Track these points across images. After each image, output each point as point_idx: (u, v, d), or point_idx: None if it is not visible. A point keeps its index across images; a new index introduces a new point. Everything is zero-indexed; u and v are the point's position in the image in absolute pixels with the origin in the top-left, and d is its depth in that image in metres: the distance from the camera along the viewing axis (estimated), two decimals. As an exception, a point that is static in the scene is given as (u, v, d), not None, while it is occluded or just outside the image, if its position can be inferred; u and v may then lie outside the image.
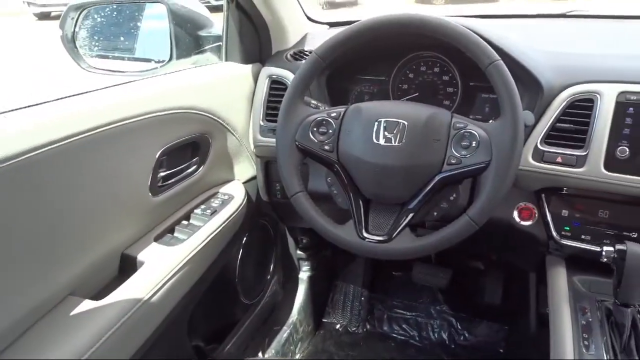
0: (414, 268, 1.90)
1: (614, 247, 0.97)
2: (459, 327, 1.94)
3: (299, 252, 1.92)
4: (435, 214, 1.04)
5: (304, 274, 1.96)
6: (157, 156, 1.13)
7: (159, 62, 1.46)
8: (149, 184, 1.13)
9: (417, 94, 1.35)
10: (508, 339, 1.86)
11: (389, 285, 2.13)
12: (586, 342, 0.95)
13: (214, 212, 1.29)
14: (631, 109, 1.03)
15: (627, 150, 1.03)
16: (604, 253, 1.01)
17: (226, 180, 1.42)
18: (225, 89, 1.35)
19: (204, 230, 1.23)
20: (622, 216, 1.10)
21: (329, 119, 1.06)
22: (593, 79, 1.08)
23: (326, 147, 1.06)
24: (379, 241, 1.00)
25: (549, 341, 1.01)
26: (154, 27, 1.51)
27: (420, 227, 1.25)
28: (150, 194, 1.14)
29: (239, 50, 1.44)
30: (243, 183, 1.45)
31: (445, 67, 1.32)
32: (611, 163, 1.04)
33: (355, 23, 1.02)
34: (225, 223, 1.29)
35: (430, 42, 1.23)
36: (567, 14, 1.61)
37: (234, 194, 1.38)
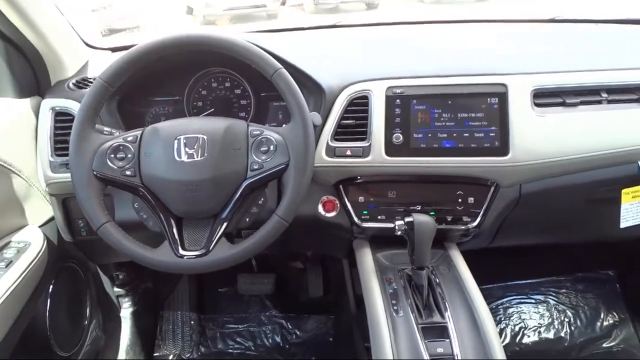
0: (238, 280, 1.93)
1: (404, 221, 1.12)
2: (290, 326, 2.02)
3: (116, 289, 1.81)
4: (247, 219, 1.08)
5: (125, 312, 1.85)
6: None
7: None
8: None
9: (212, 110, 1.38)
10: (336, 327, 1.99)
11: (218, 302, 2.12)
12: (395, 307, 1.08)
13: (9, 264, 1.15)
14: (398, 100, 1.20)
15: (401, 136, 1.19)
16: (396, 227, 1.17)
17: (19, 227, 1.28)
18: (1, 128, 1.22)
19: None
20: (407, 193, 1.26)
21: (126, 144, 1.04)
22: (365, 79, 1.22)
23: (127, 173, 1.03)
24: (197, 256, 1.01)
25: None
26: None
27: (238, 238, 1.28)
28: None
29: (10, 84, 1.30)
30: (40, 227, 1.32)
31: (236, 81, 1.37)
32: (390, 149, 1.19)
33: (140, 44, 1.02)
34: (25, 274, 1.17)
35: (218, 58, 1.28)
36: (337, 24, 1.79)
37: (31, 240, 1.25)
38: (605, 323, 1.95)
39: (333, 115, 1.20)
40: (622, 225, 1.30)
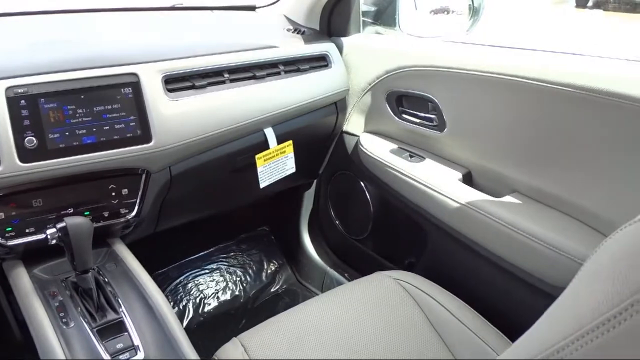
0: None
1: (56, 228, 1.05)
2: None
3: None
4: None
5: None
6: None
7: None
8: None
9: None
10: None
11: None
12: (65, 320, 1.02)
13: None
14: (23, 101, 1.08)
15: (34, 139, 1.08)
16: (49, 236, 1.07)
17: None
18: None
19: None
20: (56, 198, 1.17)
21: None
22: None
23: None
24: None
25: None
26: None
27: None
28: None
29: None
30: None
31: None
32: (24, 155, 1.07)
33: None
34: None
35: None
36: None
37: None
38: (269, 271, 2.24)
39: None
40: (262, 185, 1.52)
